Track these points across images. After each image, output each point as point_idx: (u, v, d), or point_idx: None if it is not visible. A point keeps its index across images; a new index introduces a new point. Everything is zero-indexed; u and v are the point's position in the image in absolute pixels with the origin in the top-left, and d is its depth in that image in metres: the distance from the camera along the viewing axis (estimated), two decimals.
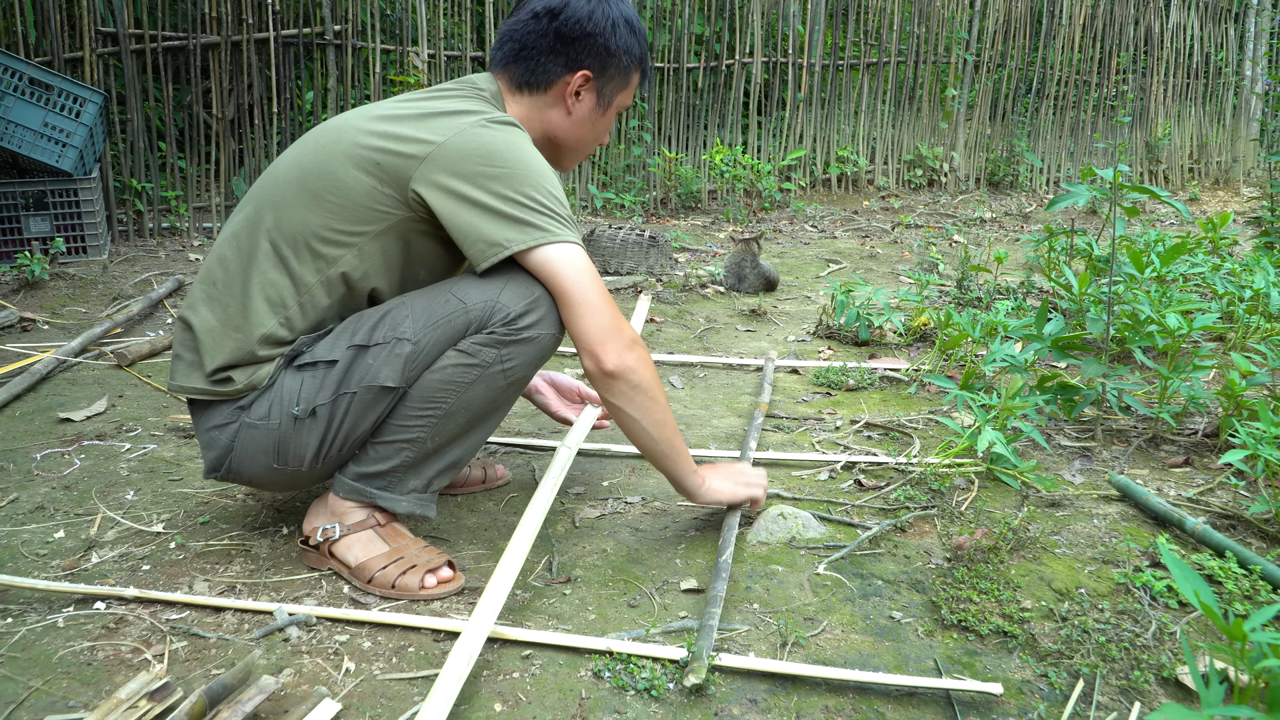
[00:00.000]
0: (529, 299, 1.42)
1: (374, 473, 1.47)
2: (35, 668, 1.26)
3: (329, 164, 1.42)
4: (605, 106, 1.59)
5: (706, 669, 1.22)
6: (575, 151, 1.63)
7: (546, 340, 1.46)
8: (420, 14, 5.21)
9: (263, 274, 1.43)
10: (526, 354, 1.45)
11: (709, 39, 6.11)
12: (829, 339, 3.12)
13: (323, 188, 1.42)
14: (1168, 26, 7.98)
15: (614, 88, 1.58)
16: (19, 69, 3.67)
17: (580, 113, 1.57)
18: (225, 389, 1.44)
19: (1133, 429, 2.22)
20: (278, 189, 1.45)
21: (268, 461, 1.45)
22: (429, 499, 1.51)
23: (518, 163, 1.39)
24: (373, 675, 1.25)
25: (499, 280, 1.43)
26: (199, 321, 1.45)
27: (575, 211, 5.64)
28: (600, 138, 1.63)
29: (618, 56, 1.55)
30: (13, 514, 1.72)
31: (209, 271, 1.48)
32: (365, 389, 1.40)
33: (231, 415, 1.45)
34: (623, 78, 1.58)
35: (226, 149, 4.73)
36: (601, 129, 1.62)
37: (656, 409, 1.47)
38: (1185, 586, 1.10)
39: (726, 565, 1.48)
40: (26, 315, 3.11)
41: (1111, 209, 2.24)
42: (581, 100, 1.56)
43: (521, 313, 1.42)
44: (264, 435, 1.43)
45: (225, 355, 1.43)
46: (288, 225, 1.42)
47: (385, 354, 1.40)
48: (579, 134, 1.59)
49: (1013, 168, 7.33)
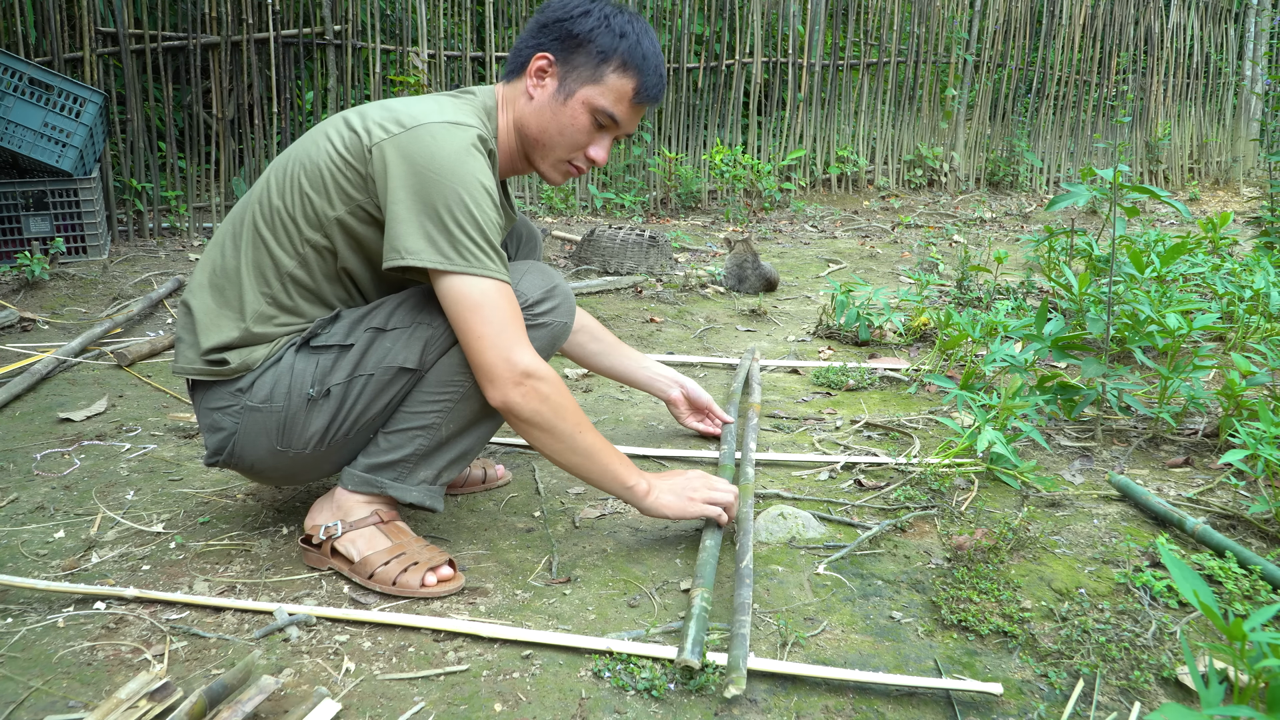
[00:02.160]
0: (546, 288, 1.51)
1: (386, 463, 1.49)
2: (35, 668, 1.26)
3: (305, 145, 1.49)
4: (566, 96, 1.52)
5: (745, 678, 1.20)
6: (543, 146, 1.56)
7: (559, 329, 1.53)
8: (420, 14, 5.21)
9: (251, 255, 1.49)
10: (541, 338, 1.50)
11: (709, 39, 6.10)
12: (829, 339, 3.12)
13: (297, 168, 1.47)
14: (1168, 26, 7.98)
15: (578, 78, 1.52)
16: (19, 69, 3.67)
17: (541, 98, 1.54)
18: (220, 369, 1.47)
19: (1133, 429, 2.22)
20: (267, 174, 1.53)
21: (270, 444, 1.48)
22: (438, 491, 1.53)
23: (451, 173, 1.37)
24: (373, 675, 1.25)
25: (517, 271, 1.51)
26: (198, 304, 1.51)
27: (575, 211, 5.64)
28: (569, 135, 1.54)
29: (586, 46, 1.51)
30: (13, 514, 1.72)
31: (210, 257, 1.53)
32: (383, 370, 1.44)
33: (232, 398, 1.48)
34: (590, 70, 1.51)
35: (226, 149, 4.73)
36: (566, 122, 1.53)
37: (554, 441, 1.44)
38: (1185, 586, 1.10)
39: (748, 571, 1.46)
40: (26, 315, 3.11)
41: (1111, 209, 2.24)
42: (544, 85, 1.54)
43: (539, 299, 1.50)
44: (266, 417, 1.46)
45: (220, 335, 1.47)
46: (267, 206, 1.49)
47: (404, 337, 1.45)
48: (540, 123, 1.54)
49: (1013, 168, 7.33)
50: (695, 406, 2.13)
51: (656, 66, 1.55)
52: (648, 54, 1.53)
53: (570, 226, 5.20)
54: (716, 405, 2.15)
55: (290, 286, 1.48)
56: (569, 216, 5.56)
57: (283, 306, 1.48)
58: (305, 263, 1.47)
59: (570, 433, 1.45)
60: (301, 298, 1.49)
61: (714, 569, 1.46)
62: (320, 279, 1.49)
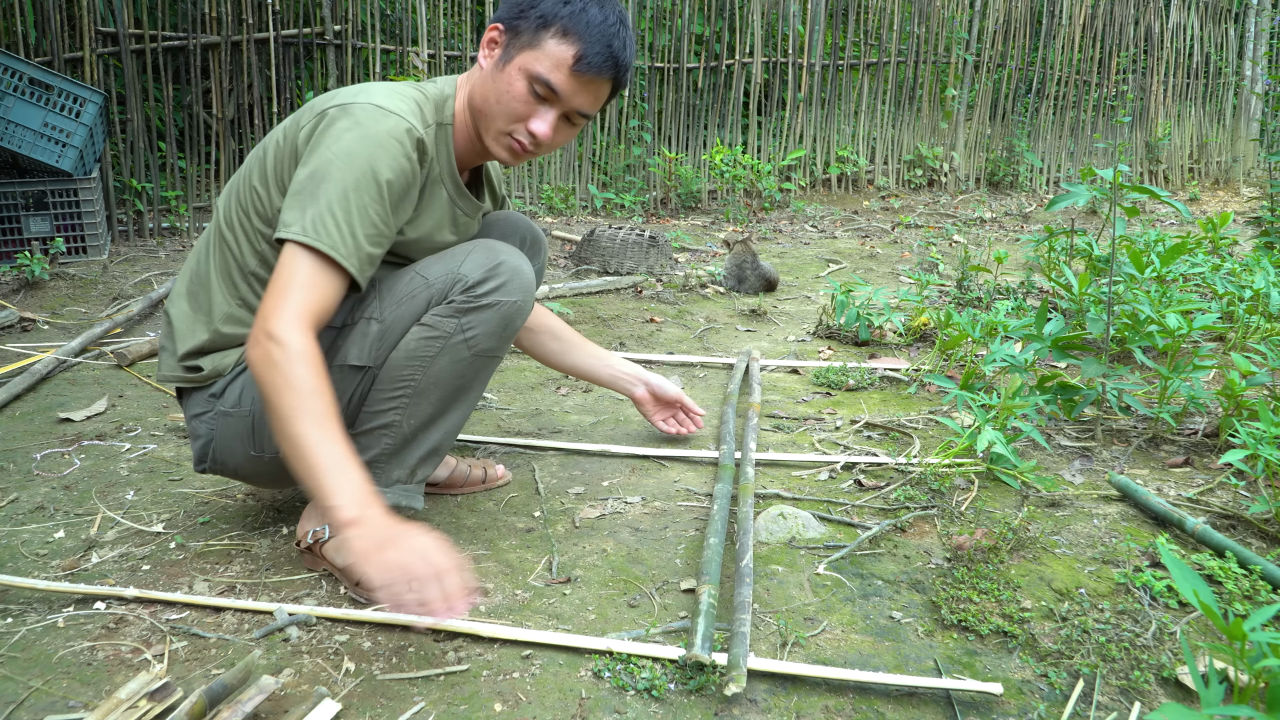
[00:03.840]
0: (489, 266, 1.44)
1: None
2: (35, 668, 1.26)
3: (262, 142, 1.50)
4: (505, 62, 1.45)
5: (745, 676, 1.20)
6: (485, 117, 1.48)
7: (508, 308, 1.45)
8: (420, 14, 5.21)
9: (218, 258, 1.50)
10: (488, 321, 1.44)
11: (709, 39, 6.10)
12: (829, 339, 3.12)
13: (254, 163, 1.48)
14: (1168, 26, 7.98)
15: (518, 44, 1.44)
16: (19, 69, 3.67)
17: (487, 68, 1.48)
18: (195, 375, 1.49)
19: (1133, 429, 2.22)
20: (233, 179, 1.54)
21: (245, 449, 1.49)
22: (415, 490, 1.53)
23: (349, 157, 1.34)
24: (373, 675, 1.25)
25: (461, 253, 1.46)
26: (176, 311, 1.53)
27: (575, 211, 5.64)
28: (505, 103, 1.45)
29: (529, 13, 1.43)
30: (13, 514, 1.72)
31: (188, 266, 1.56)
32: (335, 369, 1.44)
33: (207, 404, 1.50)
34: (531, 35, 1.43)
35: (226, 149, 4.73)
36: (503, 89, 1.44)
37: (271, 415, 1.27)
38: (1185, 586, 1.10)
39: (749, 570, 1.47)
40: (26, 315, 3.11)
41: (1111, 209, 2.24)
42: (492, 55, 1.48)
43: (480, 280, 1.44)
44: (238, 422, 1.47)
45: (194, 341, 1.49)
46: (233, 207, 1.50)
47: (355, 334, 1.45)
48: (483, 92, 1.48)
49: (1013, 168, 7.33)
50: (664, 402, 2.05)
51: (604, 35, 1.42)
52: (593, 21, 1.42)
53: (570, 226, 5.20)
54: (687, 397, 2.07)
55: (256, 285, 1.48)
56: (569, 216, 5.56)
57: (250, 307, 1.48)
58: (265, 260, 1.47)
59: (286, 413, 1.24)
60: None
61: (719, 566, 1.46)
62: None
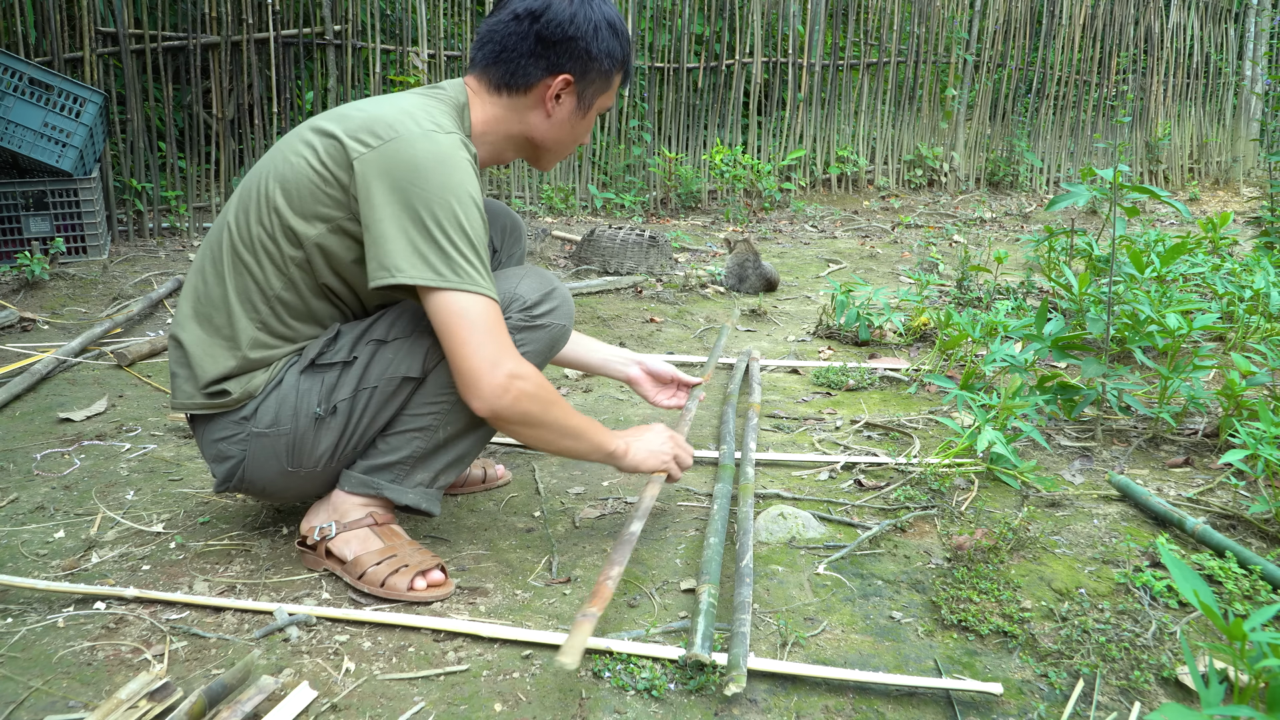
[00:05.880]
0: (544, 290, 1.53)
1: (384, 464, 1.49)
2: (35, 668, 1.26)
3: (276, 162, 1.44)
4: (586, 109, 1.56)
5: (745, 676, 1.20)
6: (554, 153, 1.61)
7: (558, 330, 1.55)
8: (420, 14, 5.21)
9: (235, 281, 1.45)
10: (539, 340, 1.52)
11: (709, 39, 6.11)
12: (829, 339, 3.12)
13: (272, 186, 1.43)
14: (1168, 26, 7.98)
15: (595, 90, 1.55)
16: (19, 69, 3.67)
17: (560, 116, 1.55)
18: (222, 400, 1.45)
19: (1133, 429, 2.22)
20: (238, 195, 1.48)
21: (280, 466, 1.47)
22: (434, 495, 1.53)
23: (440, 186, 1.35)
24: (373, 675, 1.25)
25: (514, 275, 1.53)
26: (188, 337, 1.47)
27: (575, 211, 5.64)
28: (581, 138, 1.62)
29: (599, 60, 1.52)
30: (13, 514, 1.72)
31: (192, 286, 1.49)
32: (386, 381, 1.45)
33: (236, 427, 1.46)
34: (604, 81, 1.55)
35: (226, 149, 4.73)
36: (581, 131, 1.60)
37: (547, 433, 1.46)
38: (1185, 586, 1.10)
39: (749, 570, 1.47)
40: (26, 315, 3.11)
41: (1111, 209, 2.24)
42: (562, 103, 1.54)
43: (537, 301, 1.51)
44: (274, 441, 1.46)
45: (217, 367, 1.45)
46: (245, 230, 1.44)
47: (406, 346, 1.45)
48: (558, 136, 1.57)
49: (1013, 168, 7.33)
50: (659, 380, 2.03)
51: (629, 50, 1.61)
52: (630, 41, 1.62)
53: (570, 226, 5.20)
54: (680, 373, 2.04)
55: (280, 309, 1.45)
56: (569, 216, 5.56)
57: (274, 331, 1.46)
58: (292, 284, 1.44)
59: (560, 421, 1.46)
60: (293, 318, 1.47)
61: (719, 566, 1.46)
62: (309, 296, 1.46)
